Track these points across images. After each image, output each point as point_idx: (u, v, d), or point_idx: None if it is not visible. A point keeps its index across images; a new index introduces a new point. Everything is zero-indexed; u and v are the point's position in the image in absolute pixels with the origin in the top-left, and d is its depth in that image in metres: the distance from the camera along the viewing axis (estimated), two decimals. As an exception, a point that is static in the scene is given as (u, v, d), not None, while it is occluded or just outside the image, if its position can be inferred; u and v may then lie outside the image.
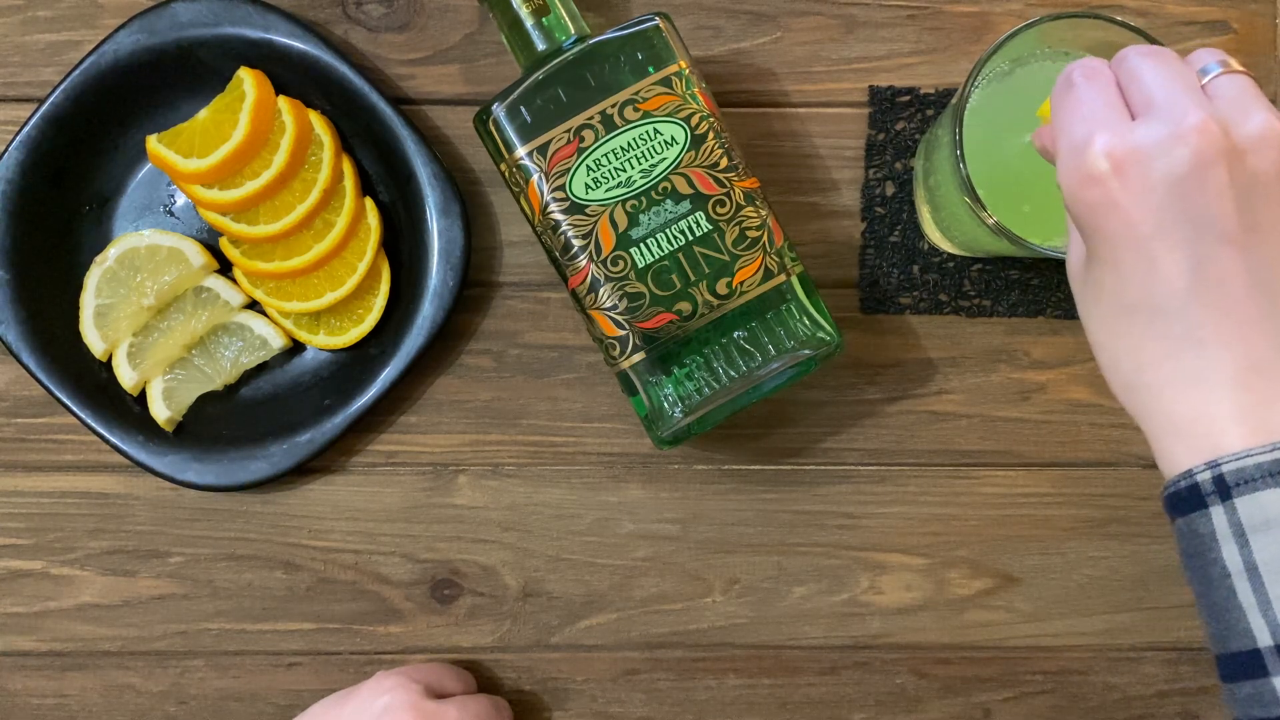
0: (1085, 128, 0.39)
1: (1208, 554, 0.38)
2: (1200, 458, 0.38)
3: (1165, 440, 0.40)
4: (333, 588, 0.60)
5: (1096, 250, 0.41)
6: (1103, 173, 0.39)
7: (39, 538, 0.60)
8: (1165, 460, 0.40)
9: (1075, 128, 0.40)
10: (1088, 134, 0.39)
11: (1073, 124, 0.40)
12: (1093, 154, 0.39)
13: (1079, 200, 0.40)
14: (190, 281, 0.58)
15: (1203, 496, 0.38)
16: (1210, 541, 0.38)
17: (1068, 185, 0.40)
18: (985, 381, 0.60)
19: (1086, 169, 0.39)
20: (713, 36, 0.59)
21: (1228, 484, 0.37)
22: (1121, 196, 0.39)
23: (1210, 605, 0.39)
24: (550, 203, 0.52)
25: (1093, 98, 0.40)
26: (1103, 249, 0.40)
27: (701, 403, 0.52)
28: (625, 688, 0.61)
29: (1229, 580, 0.38)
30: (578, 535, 0.60)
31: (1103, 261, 0.41)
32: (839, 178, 0.60)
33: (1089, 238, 0.41)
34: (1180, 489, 0.39)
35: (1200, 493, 0.38)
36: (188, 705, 0.61)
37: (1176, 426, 0.39)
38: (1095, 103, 0.40)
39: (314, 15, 0.59)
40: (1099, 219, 0.39)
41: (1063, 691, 0.61)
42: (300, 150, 0.56)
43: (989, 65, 0.49)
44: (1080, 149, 0.39)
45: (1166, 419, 0.40)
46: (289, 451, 0.57)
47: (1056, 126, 0.41)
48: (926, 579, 0.60)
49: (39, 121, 0.56)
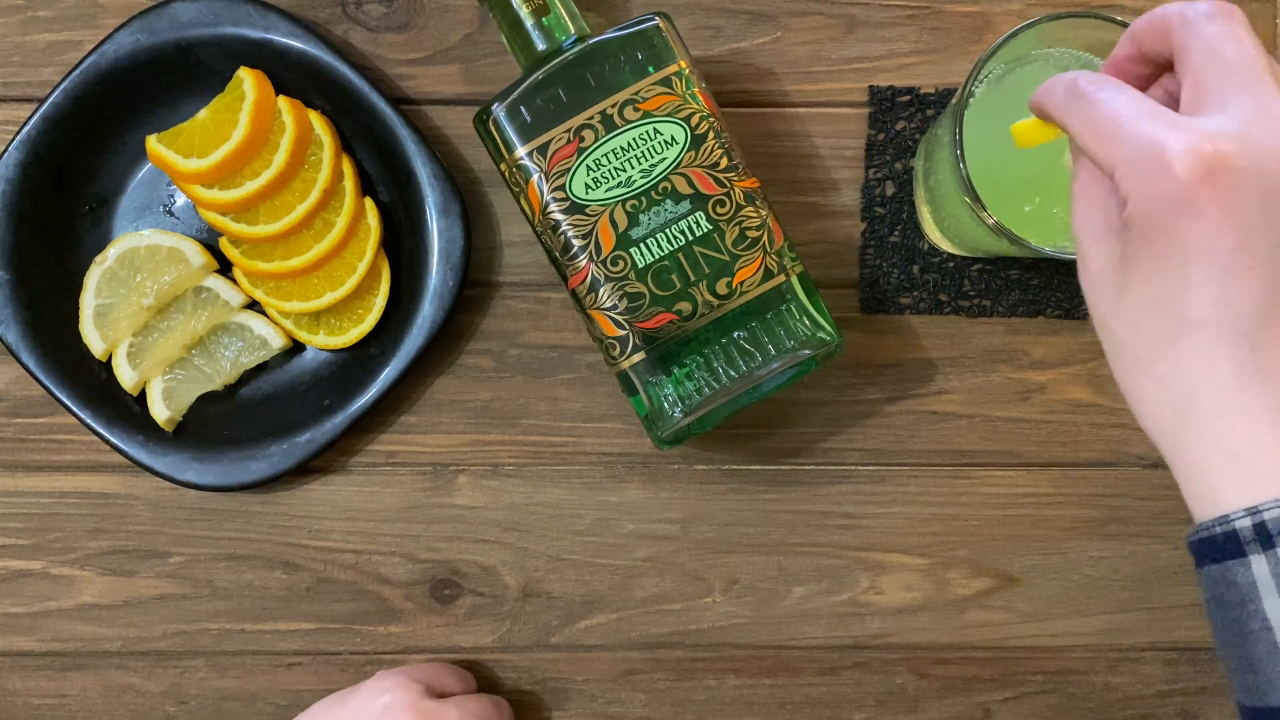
0: (1151, 127, 0.36)
1: (1246, 605, 0.36)
2: (1251, 497, 0.36)
3: (1211, 475, 0.37)
4: (333, 588, 0.60)
5: (1158, 257, 0.37)
6: (1189, 175, 0.35)
7: (39, 538, 0.60)
8: (1206, 497, 0.37)
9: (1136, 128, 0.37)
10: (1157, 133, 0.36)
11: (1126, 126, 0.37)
12: (1174, 153, 0.35)
13: (1155, 205, 0.36)
14: (190, 281, 0.58)
15: (1241, 544, 0.35)
16: (1250, 592, 0.36)
17: (1139, 191, 0.37)
18: (985, 381, 0.60)
19: (1168, 171, 0.35)
20: (713, 36, 0.59)
21: (1269, 531, 0.35)
22: (1209, 202, 0.35)
23: (1246, 657, 0.36)
24: (550, 203, 0.52)
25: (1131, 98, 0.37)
26: (1169, 257, 0.37)
27: (701, 403, 0.52)
28: (625, 688, 0.61)
29: (1271, 634, 0.35)
30: (578, 535, 0.60)
31: (1162, 270, 0.37)
32: (839, 178, 0.60)
33: (1151, 244, 0.37)
34: (1215, 534, 0.36)
35: (1239, 540, 0.36)
36: (188, 705, 0.61)
37: (1228, 460, 0.36)
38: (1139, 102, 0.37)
39: (314, 15, 0.59)
40: (1176, 226, 0.36)
41: (1063, 691, 0.61)
42: (300, 150, 0.56)
43: (989, 65, 0.49)
44: (1154, 149, 0.36)
45: (1216, 450, 0.37)
46: (289, 451, 0.57)
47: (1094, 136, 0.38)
48: (926, 579, 0.60)
49: (39, 121, 0.56)
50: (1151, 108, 0.37)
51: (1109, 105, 0.38)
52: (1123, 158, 0.37)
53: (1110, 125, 0.37)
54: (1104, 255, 0.40)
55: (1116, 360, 0.40)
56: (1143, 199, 0.37)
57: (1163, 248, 0.37)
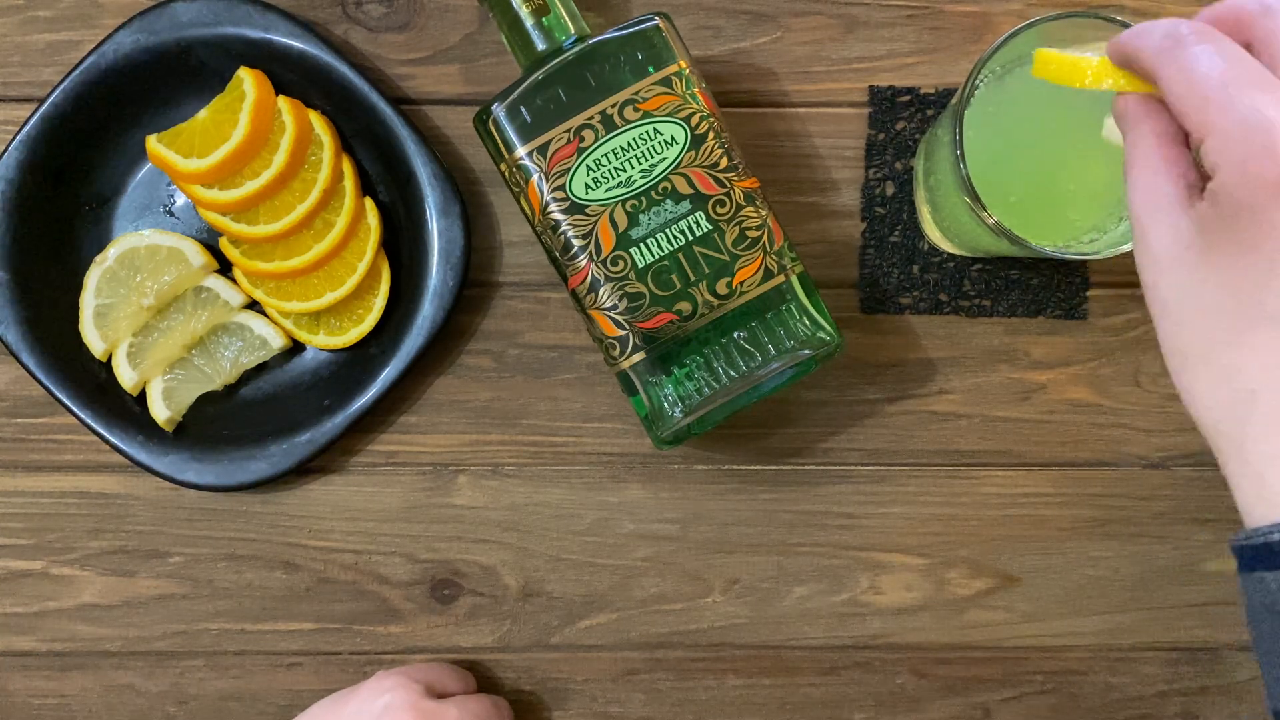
0: (1256, 98, 0.34)
1: None
2: None
3: (1271, 478, 0.35)
4: (333, 588, 0.60)
5: (1243, 241, 0.35)
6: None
7: (39, 538, 0.60)
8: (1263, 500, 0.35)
9: (1239, 97, 0.34)
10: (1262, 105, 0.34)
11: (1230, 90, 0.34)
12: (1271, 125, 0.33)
13: (1249, 183, 0.34)
14: (190, 281, 0.58)
15: None
16: None
17: (1234, 164, 0.34)
18: (985, 381, 0.60)
19: (1271, 148, 0.33)
20: (713, 36, 0.59)
21: None
22: None
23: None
24: (550, 203, 0.52)
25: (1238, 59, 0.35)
26: (1256, 243, 0.35)
27: (701, 403, 0.52)
28: (625, 688, 0.61)
29: None
30: (578, 535, 0.60)
31: (1245, 256, 0.35)
32: (839, 178, 0.60)
33: (1237, 225, 0.35)
34: (1273, 541, 0.34)
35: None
36: (188, 705, 0.61)
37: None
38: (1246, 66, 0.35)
39: (314, 15, 0.59)
40: (1269, 211, 0.34)
41: (1063, 691, 0.61)
42: (300, 150, 0.56)
43: (989, 65, 0.49)
44: (1258, 123, 0.33)
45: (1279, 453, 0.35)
46: (289, 451, 0.57)
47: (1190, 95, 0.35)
48: (926, 579, 0.60)
49: (39, 121, 0.56)
50: (1259, 74, 0.35)
51: (1212, 63, 0.35)
52: (1220, 127, 0.34)
53: (1211, 86, 0.35)
54: (1171, 231, 0.37)
55: (1174, 344, 0.38)
56: (1236, 175, 0.34)
57: (1251, 232, 0.35)
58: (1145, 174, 0.38)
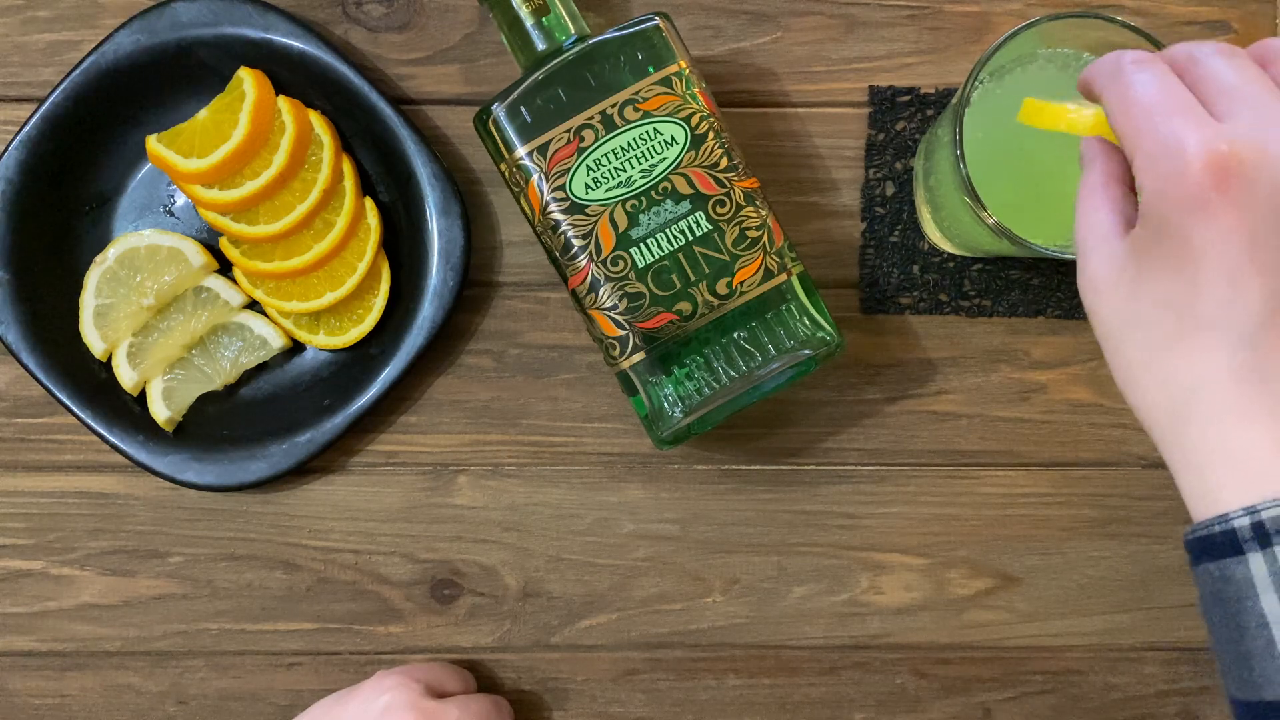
0: (1176, 124, 0.37)
1: (1243, 601, 0.36)
2: (1249, 496, 0.36)
3: (1209, 474, 0.37)
4: (333, 588, 0.60)
5: (1169, 255, 0.38)
6: (1203, 177, 0.36)
7: (39, 538, 0.60)
8: (1204, 496, 0.38)
9: (1162, 123, 0.37)
10: (1180, 130, 0.36)
11: (1155, 117, 0.37)
12: (1192, 154, 0.36)
13: (1168, 203, 0.37)
14: (190, 281, 0.58)
15: (1239, 543, 0.36)
16: (1247, 589, 0.36)
17: (1154, 185, 0.37)
18: (985, 381, 0.60)
19: (1185, 170, 0.36)
20: (713, 36, 0.59)
21: (1268, 531, 0.35)
22: (1221, 206, 0.36)
23: (1240, 653, 0.37)
24: (550, 203, 0.52)
25: (1167, 88, 0.38)
26: (1180, 256, 0.37)
27: (701, 403, 0.52)
28: (625, 688, 0.61)
29: (1268, 630, 0.36)
30: (578, 535, 0.60)
31: (1170, 269, 0.38)
32: (839, 178, 0.60)
33: (1162, 242, 0.38)
34: (1214, 533, 0.37)
35: (1237, 538, 0.36)
36: (188, 705, 0.61)
37: (1229, 460, 0.37)
38: (1173, 94, 0.37)
39: (314, 15, 0.59)
40: (1189, 227, 0.36)
41: (1063, 691, 0.61)
42: (300, 150, 0.56)
43: (989, 65, 0.49)
44: (1175, 147, 0.36)
45: (1215, 450, 0.37)
46: (289, 451, 0.57)
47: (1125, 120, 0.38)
48: (926, 579, 0.60)
49: (39, 121, 0.56)
50: (1183, 100, 0.37)
51: (1144, 90, 0.38)
52: (1144, 149, 0.37)
53: (1140, 110, 0.38)
54: (1107, 257, 0.40)
55: (1117, 359, 0.40)
56: (1157, 195, 0.37)
57: (1174, 246, 0.37)
58: (1088, 208, 0.41)
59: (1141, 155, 0.38)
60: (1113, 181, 0.41)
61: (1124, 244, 0.40)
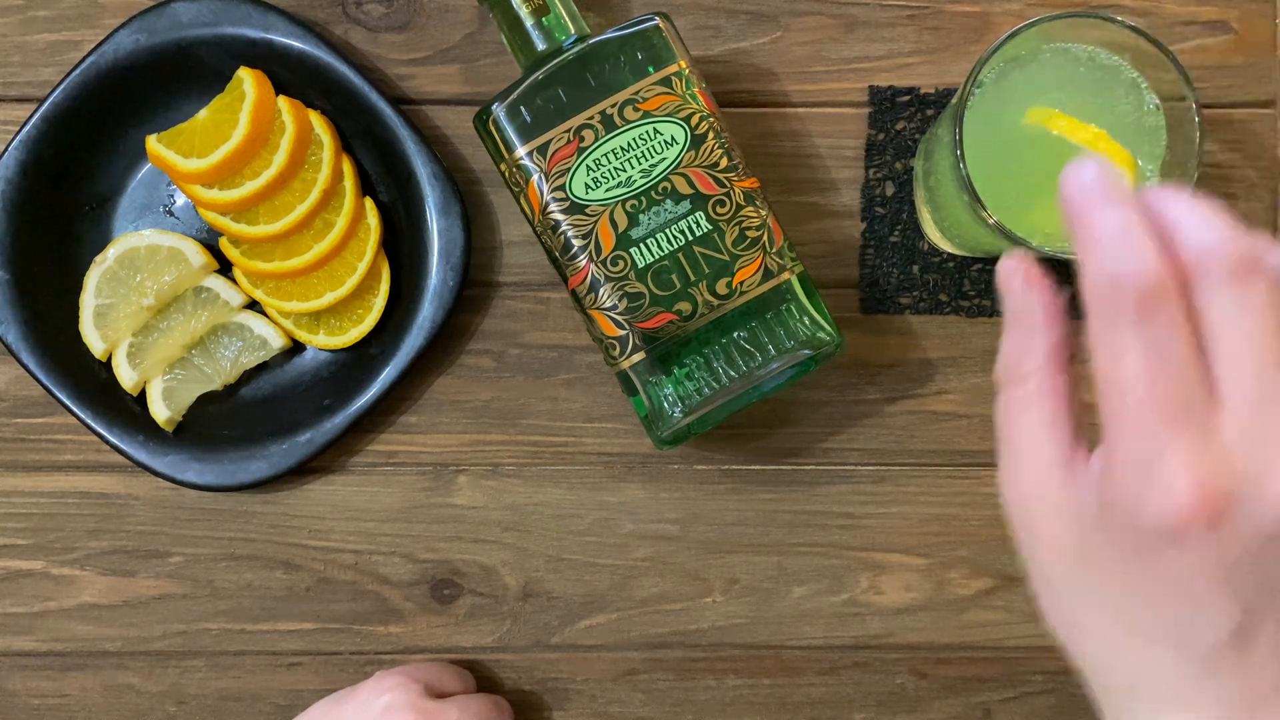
0: (1163, 440, 0.31)
1: None
2: None
3: None
4: (333, 588, 0.60)
5: (1132, 571, 0.34)
6: (1190, 513, 0.31)
7: (39, 538, 0.60)
8: None
9: (1149, 434, 0.31)
10: (1169, 454, 0.31)
11: (1142, 420, 0.31)
12: (1181, 489, 0.31)
13: (1142, 520, 0.32)
14: (190, 281, 0.58)
15: None
16: None
17: (1127, 502, 0.32)
18: (985, 381, 0.60)
19: (1168, 504, 0.31)
20: (713, 36, 0.59)
21: None
22: (1202, 541, 0.31)
23: None
24: (550, 203, 0.52)
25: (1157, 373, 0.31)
26: (1142, 573, 0.33)
27: (701, 403, 0.52)
28: (625, 688, 0.61)
29: None
30: (578, 535, 0.60)
31: (1130, 583, 0.34)
32: (839, 178, 0.60)
33: (1124, 554, 0.33)
34: None
35: None
36: (188, 705, 0.61)
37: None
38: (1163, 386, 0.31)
39: (314, 15, 0.59)
40: (1159, 550, 0.32)
41: (1063, 691, 0.61)
42: (300, 150, 0.56)
43: (989, 65, 0.49)
44: (1160, 476, 0.31)
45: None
46: (289, 451, 0.57)
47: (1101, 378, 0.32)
48: (926, 579, 0.60)
49: (39, 121, 0.56)
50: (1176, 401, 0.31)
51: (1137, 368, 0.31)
52: (1118, 451, 0.32)
53: (1124, 397, 0.32)
54: (1058, 543, 0.36)
55: (1055, 621, 0.37)
56: (1129, 511, 0.32)
57: (1138, 563, 0.33)
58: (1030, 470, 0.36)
59: (1113, 453, 0.32)
60: (1059, 421, 0.35)
61: (1078, 525, 0.35)
